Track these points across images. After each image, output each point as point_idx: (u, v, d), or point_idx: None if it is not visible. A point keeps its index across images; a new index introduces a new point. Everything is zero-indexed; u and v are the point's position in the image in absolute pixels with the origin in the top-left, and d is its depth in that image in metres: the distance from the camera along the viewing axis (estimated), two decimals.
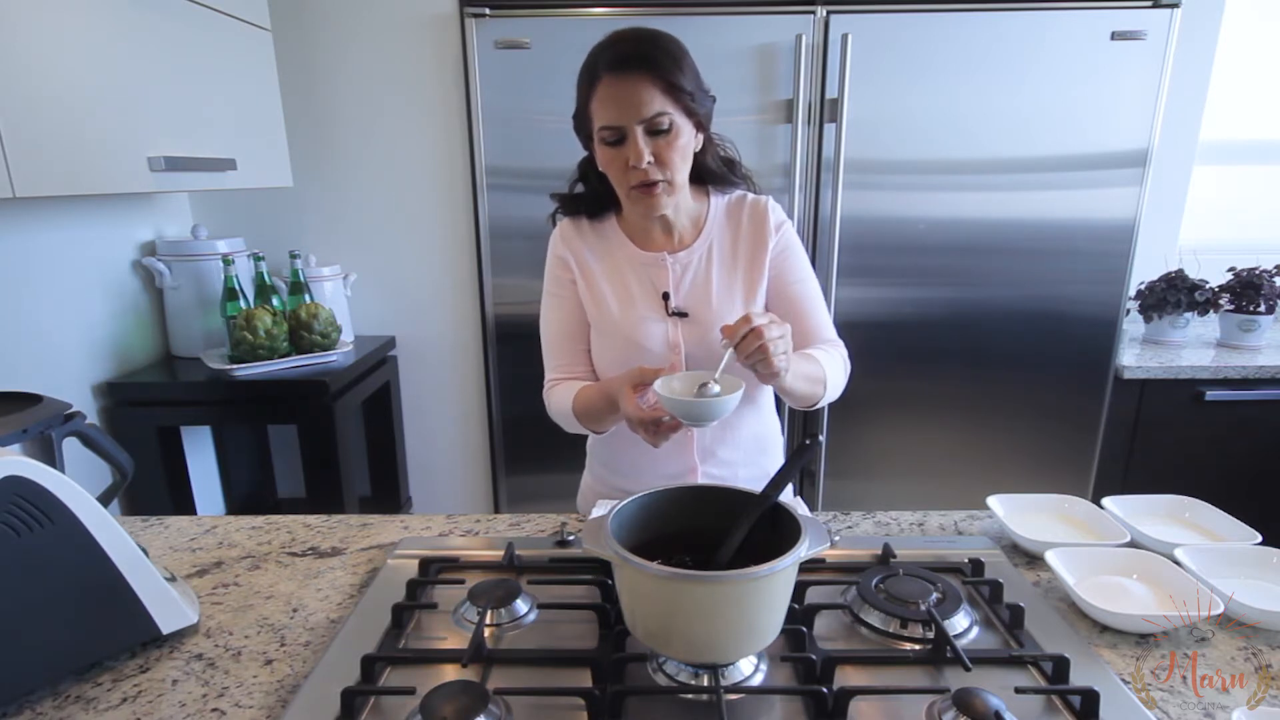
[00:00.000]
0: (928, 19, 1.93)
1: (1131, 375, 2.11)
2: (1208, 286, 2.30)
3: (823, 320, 1.23)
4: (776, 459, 1.32)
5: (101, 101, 1.41)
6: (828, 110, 1.99)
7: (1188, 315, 2.33)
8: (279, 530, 1.18)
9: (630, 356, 1.19)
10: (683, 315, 1.19)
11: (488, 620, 0.87)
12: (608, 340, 1.22)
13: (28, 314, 1.67)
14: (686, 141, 1.09)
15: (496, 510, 2.42)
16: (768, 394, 1.29)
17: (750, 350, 0.96)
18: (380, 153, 2.27)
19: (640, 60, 1.04)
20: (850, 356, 1.25)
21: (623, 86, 1.04)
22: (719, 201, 1.23)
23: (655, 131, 1.06)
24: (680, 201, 1.16)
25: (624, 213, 1.22)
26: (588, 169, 1.22)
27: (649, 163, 1.06)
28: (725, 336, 0.99)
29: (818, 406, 1.18)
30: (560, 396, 1.22)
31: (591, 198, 1.24)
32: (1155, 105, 1.97)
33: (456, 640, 0.87)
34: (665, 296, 1.19)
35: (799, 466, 0.86)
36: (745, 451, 1.26)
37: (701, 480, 1.23)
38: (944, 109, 1.98)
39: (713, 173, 1.21)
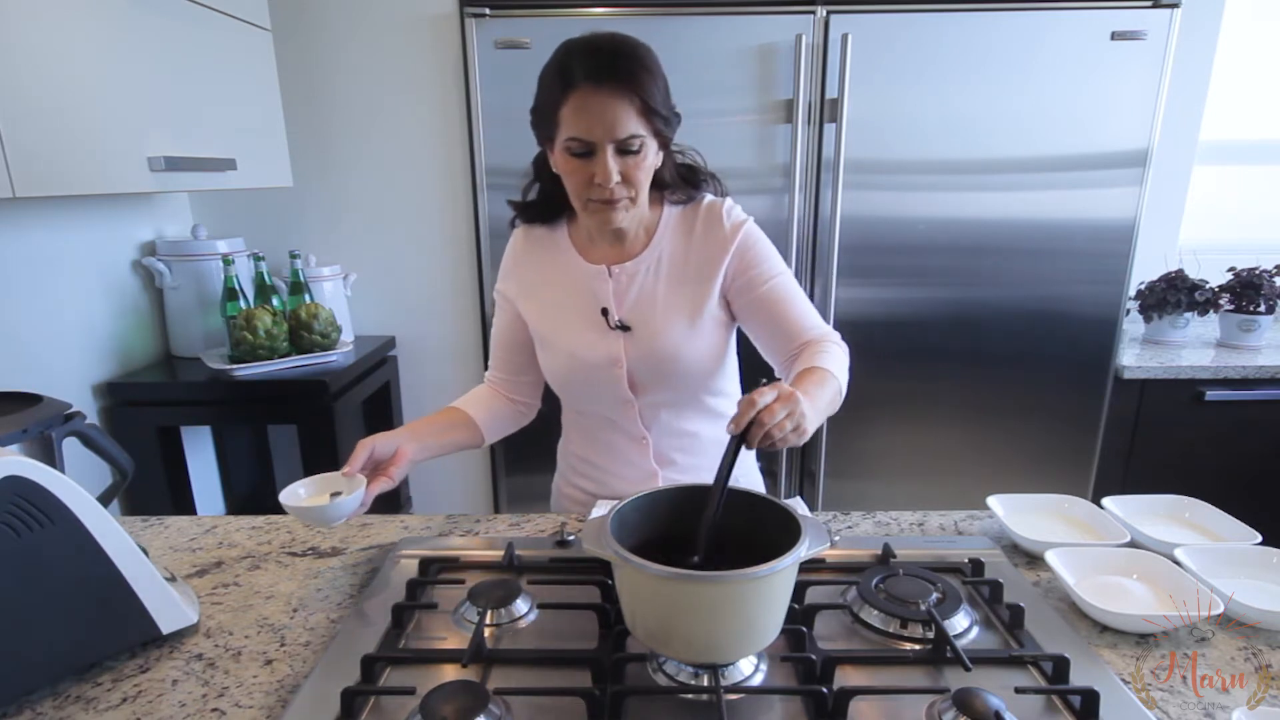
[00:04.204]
0: (928, 19, 1.93)
1: (1131, 375, 2.11)
2: (1208, 286, 2.30)
3: (805, 312, 1.16)
4: (747, 459, 1.28)
5: (101, 102, 1.41)
6: (828, 110, 1.99)
7: (1188, 315, 2.33)
8: (279, 530, 1.18)
9: (574, 369, 1.18)
10: (626, 329, 1.15)
11: (488, 620, 0.87)
12: (551, 354, 1.21)
13: (28, 314, 1.67)
14: (652, 161, 1.07)
15: (496, 510, 2.42)
16: (730, 401, 1.24)
17: (755, 441, 0.87)
18: (380, 153, 2.27)
19: (623, 76, 0.99)
20: (850, 356, 1.24)
21: (600, 101, 0.99)
22: (672, 208, 1.19)
23: (625, 151, 1.02)
24: (636, 213, 1.12)
25: (577, 219, 1.19)
26: (543, 168, 1.17)
27: (616, 182, 1.03)
28: (731, 427, 0.86)
29: None
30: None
31: (545, 204, 1.20)
32: (1155, 105, 1.97)
33: (456, 640, 0.87)
34: (605, 312, 1.16)
35: (735, 455, 0.84)
36: (709, 457, 1.18)
37: (663, 484, 1.20)
38: (944, 109, 1.98)
39: (668, 184, 1.17)
